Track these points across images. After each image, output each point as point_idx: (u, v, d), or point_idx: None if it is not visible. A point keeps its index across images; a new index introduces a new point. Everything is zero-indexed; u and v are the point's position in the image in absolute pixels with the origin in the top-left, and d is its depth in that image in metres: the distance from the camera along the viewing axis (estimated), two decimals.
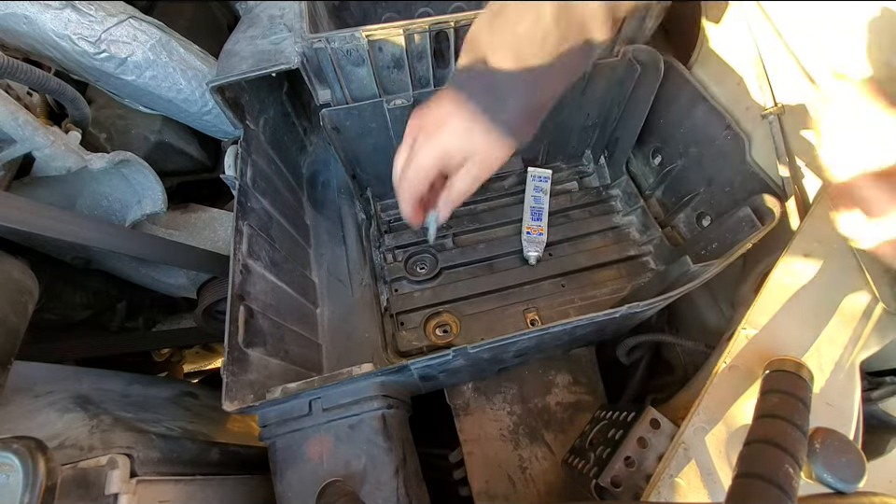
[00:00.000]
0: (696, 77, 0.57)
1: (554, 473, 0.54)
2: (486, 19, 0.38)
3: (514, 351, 0.46)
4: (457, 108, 0.39)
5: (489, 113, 0.39)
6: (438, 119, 0.40)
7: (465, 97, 0.39)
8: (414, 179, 0.42)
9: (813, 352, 0.37)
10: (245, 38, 0.57)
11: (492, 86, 0.39)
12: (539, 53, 0.37)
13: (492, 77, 0.38)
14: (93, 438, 0.39)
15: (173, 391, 0.66)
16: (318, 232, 0.70)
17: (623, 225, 0.70)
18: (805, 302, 0.39)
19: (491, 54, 0.38)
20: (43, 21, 0.56)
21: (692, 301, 0.64)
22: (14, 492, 0.28)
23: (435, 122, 0.40)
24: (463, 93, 0.39)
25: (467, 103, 0.39)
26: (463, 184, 0.42)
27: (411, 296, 0.65)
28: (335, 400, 0.41)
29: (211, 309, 0.74)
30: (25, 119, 0.50)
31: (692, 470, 0.35)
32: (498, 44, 0.38)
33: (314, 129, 0.77)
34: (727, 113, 0.53)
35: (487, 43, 0.38)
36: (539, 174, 0.72)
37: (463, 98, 0.39)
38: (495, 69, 0.38)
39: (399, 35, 0.52)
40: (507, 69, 0.37)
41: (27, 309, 0.50)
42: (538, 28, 0.36)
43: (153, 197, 0.64)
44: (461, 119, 0.39)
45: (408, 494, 0.39)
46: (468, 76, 0.39)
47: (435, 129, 0.40)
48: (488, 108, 0.39)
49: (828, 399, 0.36)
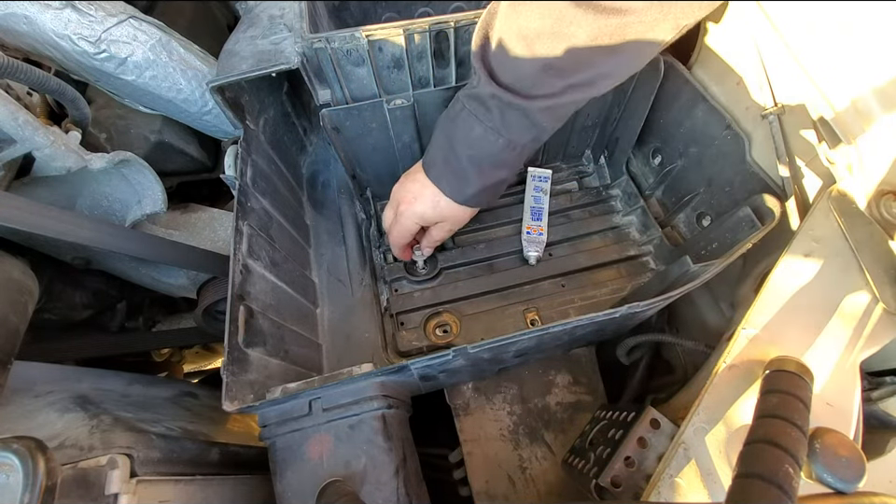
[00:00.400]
0: (696, 77, 0.57)
1: (554, 473, 0.54)
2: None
3: (514, 351, 0.46)
4: (429, 188, 0.52)
5: (454, 195, 0.52)
6: (414, 193, 0.54)
7: (433, 180, 0.52)
8: (399, 236, 0.57)
9: (813, 352, 0.37)
10: (244, 38, 0.57)
11: (457, 174, 0.50)
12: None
13: (458, 166, 0.50)
14: (93, 438, 0.39)
15: (173, 391, 0.66)
16: (318, 232, 0.70)
17: (622, 225, 0.70)
18: (804, 302, 0.39)
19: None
20: (43, 20, 0.56)
21: (692, 301, 0.64)
22: (14, 492, 0.28)
23: (413, 196, 0.54)
24: (431, 177, 0.52)
25: (437, 185, 0.52)
26: (439, 234, 0.58)
27: (411, 296, 0.65)
28: (335, 400, 0.41)
29: (211, 309, 0.74)
30: (25, 119, 0.50)
31: (692, 470, 0.35)
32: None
33: (314, 129, 0.77)
34: (727, 113, 0.53)
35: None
36: (539, 174, 0.72)
37: (432, 181, 0.52)
38: (459, 167, 0.50)
39: (399, 35, 0.52)
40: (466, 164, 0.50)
41: (27, 309, 0.50)
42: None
43: (153, 197, 0.64)
44: (433, 195, 0.53)
45: (408, 494, 0.39)
46: (439, 169, 0.52)
47: (413, 200, 0.54)
48: (453, 193, 0.52)
49: (828, 399, 0.36)
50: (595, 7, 0.39)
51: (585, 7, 0.39)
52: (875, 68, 0.35)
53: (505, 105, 0.45)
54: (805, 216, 0.42)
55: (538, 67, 0.43)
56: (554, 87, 0.44)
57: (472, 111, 0.47)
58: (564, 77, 0.43)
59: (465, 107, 0.47)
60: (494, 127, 0.46)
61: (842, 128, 0.38)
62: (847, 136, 0.38)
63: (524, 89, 0.44)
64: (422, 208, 0.53)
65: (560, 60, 0.42)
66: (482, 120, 0.46)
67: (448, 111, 0.50)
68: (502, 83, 0.45)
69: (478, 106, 0.46)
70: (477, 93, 0.46)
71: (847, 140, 0.38)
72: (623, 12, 0.39)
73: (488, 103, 0.45)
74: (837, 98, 0.38)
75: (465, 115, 0.47)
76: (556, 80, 0.43)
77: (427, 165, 0.53)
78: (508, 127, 0.46)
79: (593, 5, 0.39)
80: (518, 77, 0.44)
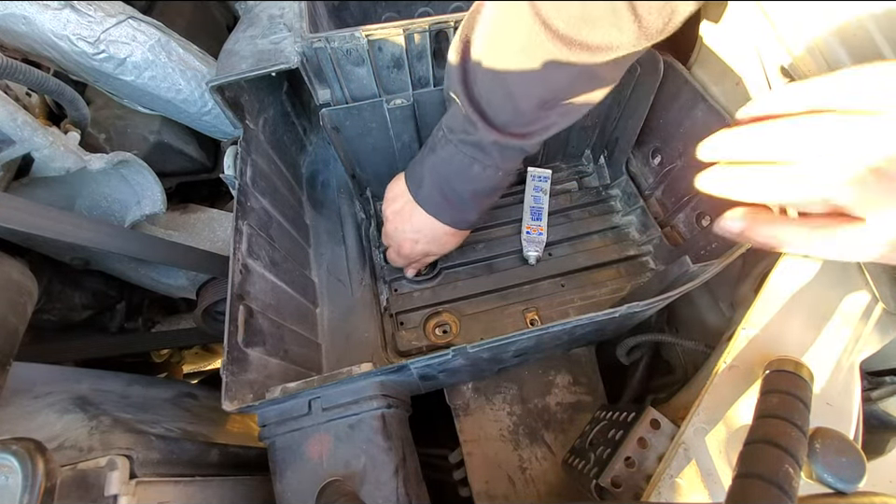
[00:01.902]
0: (696, 77, 0.57)
1: (554, 473, 0.54)
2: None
3: (514, 351, 0.46)
4: (428, 225, 0.54)
5: (457, 225, 0.54)
6: (413, 236, 0.55)
7: (434, 215, 0.53)
8: (402, 263, 0.61)
9: (813, 352, 0.37)
10: (244, 38, 0.57)
11: (458, 207, 0.52)
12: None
13: (458, 200, 0.51)
14: (93, 439, 0.39)
15: (172, 392, 0.66)
16: (318, 232, 0.69)
17: (622, 225, 0.70)
18: (805, 302, 0.39)
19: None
20: (42, 21, 0.56)
21: (692, 300, 0.64)
22: (13, 493, 0.28)
23: (412, 239, 0.56)
24: (431, 212, 0.53)
25: (438, 219, 0.53)
26: (437, 256, 0.62)
27: (410, 296, 0.65)
28: (335, 400, 0.41)
29: (211, 309, 0.74)
30: (24, 120, 0.50)
31: (692, 471, 0.35)
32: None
33: (314, 129, 0.77)
34: (727, 113, 0.53)
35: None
36: (539, 173, 0.72)
37: (433, 216, 0.53)
38: (459, 201, 0.52)
39: (399, 35, 0.52)
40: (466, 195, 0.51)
41: (26, 310, 0.50)
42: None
43: (152, 197, 0.64)
44: (432, 231, 0.54)
45: (408, 493, 0.39)
46: (439, 205, 0.53)
47: (414, 243, 0.56)
48: (456, 223, 0.54)
49: (828, 399, 0.36)
50: (587, 48, 0.39)
51: (579, 50, 0.39)
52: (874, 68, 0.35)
53: (504, 146, 0.46)
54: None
55: (534, 104, 0.43)
56: (549, 119, 0.45)
57: (470, 154, 0.47)
58: (556, 108, 0.44)
59: (460, 151, 0.47)
60: (493, 164, 0.47)
61: None
62: None
63: (520, 127, 0.45)
64: (426, 248, 0.56)
65: (555, 94, 0.43)
66: (480, 161, 0.47)
67: (436, 152, 0.50)
68: (498, 126, 0.45)
69: (476, 151, 0.46)
70: (476, 141, 0.46)
71: None
72: (614, 48, 0.39)
73: (488, 148, 0.46)
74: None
75: (460, 157, 0.47)
76: (551, 112, 0.44)
77: (424, 202, 0.52)
78: (505, 161, 0.47)
79: (585, 45, 0.39)
80: (513, 117, 0.44)
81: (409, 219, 0.54)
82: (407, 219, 0.54)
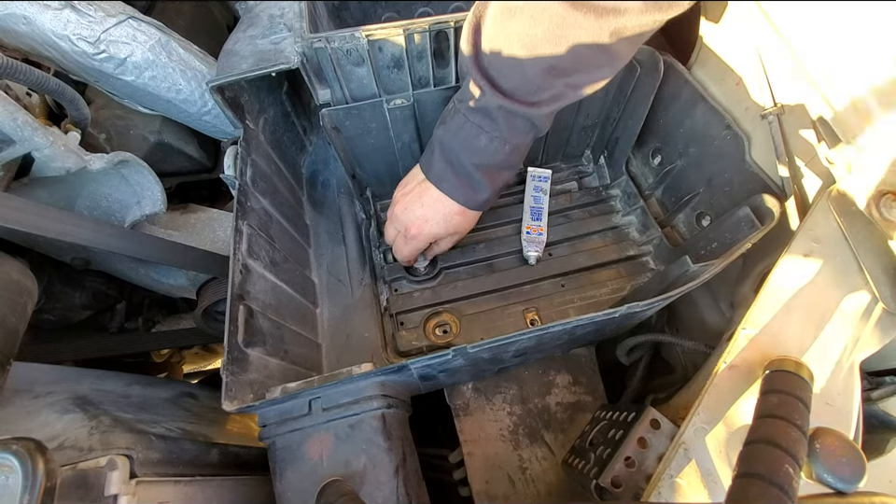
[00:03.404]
0: (696, 77, 0.57)
1: (554, 473, 0.54)
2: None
3: (514, 351, 0.46)
4: (438, 204, 0.53)
5: (469, 204, 0.53)
6: (423, 215, 0.54)
7: (447, 192, 0.52)
8: (409, 255, 0.59)
9: (813, 352, 0.37)
10: (244, 38, 0.57)
11: (470, 184, 0.51)
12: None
13: (469, 176, 0.50)
14: (93, 439, 0.39)
15: (172, 392, 0.66)
16: (318, 232, 0.69)
17: (622, 225, 0.70)
18: (804, 302, 0.39)
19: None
20: (42, 21, 0.56)
21: (692, 300, 0.64)
22: (13, 493, 0.28)
23: (422, 219, 0.54)
24: (444, 190, 0.52)
25: (451, 197, 0.52)
26: (447, 245, 0.61)
27: (410, 296, 0.65)
28: (335, 400, 0.41)
29: (211, 309, 0.74)
30: (24, 120, 0.50)
31: (692, 471, 0.35)
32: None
33: (314, 129, 0.77)
34: (727, 113, 0.53)
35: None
36: (539, 173, 0.72)
37: (445, 194, 0.52)
38: (470, 177, 0.50)
39: (399, 35, 0.52)
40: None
41: (26, 310, 0.50)
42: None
43: (152, 197, 0.64)
44: (443, 211, 0.53)
45: (408, 493, 0.39)
46: (451, 182, 0.51)
47: (423, 223, 0.54)
48: (468, 202, 0.53)
49: (828, 399, 0.36)
50: (594, 10, 0.39)
51: (585, 11, 0.39)
52: (874, 68, 0.35)
53: (511, 114, 0.46)
54: (805, 216, 0.42)
55: (541, 70, 0.43)
56: (556, 88, 0.45)
57: (477, 123, 0.47)
58: (564, 76, 0.44)
59: (468, 120, 0.48)
60: (500, 136, 0.47)
61: (841, 128, 0.38)
62: (846, 136, 0.38)
63: (527, 94, 0.45)
64: (435, 229, 0.55)
65: (562, 60, 0.42)
66: (487, 131, 0.47)
67: (446, 124, 0.50)
68: (505, 91, 0.45)
69: (483, 118, 0.47)
70: (483, 106, 0.46)
71: (847, 140, 0.38)
72: (621, 12, 0.39)
73: (494, 114, 0.46)
74: (836, 98, 0.38)
75: (468, 127, 0.48)
76: (558, 81, 0.44)
77: (436, 179, 0.52)
78: (513, 133, 0.47)
79: (592, 6, 0.39)
80: (521, 83, 0.44)
81: (419, 198, 0.54)
82: (417, 199, 0.54)
